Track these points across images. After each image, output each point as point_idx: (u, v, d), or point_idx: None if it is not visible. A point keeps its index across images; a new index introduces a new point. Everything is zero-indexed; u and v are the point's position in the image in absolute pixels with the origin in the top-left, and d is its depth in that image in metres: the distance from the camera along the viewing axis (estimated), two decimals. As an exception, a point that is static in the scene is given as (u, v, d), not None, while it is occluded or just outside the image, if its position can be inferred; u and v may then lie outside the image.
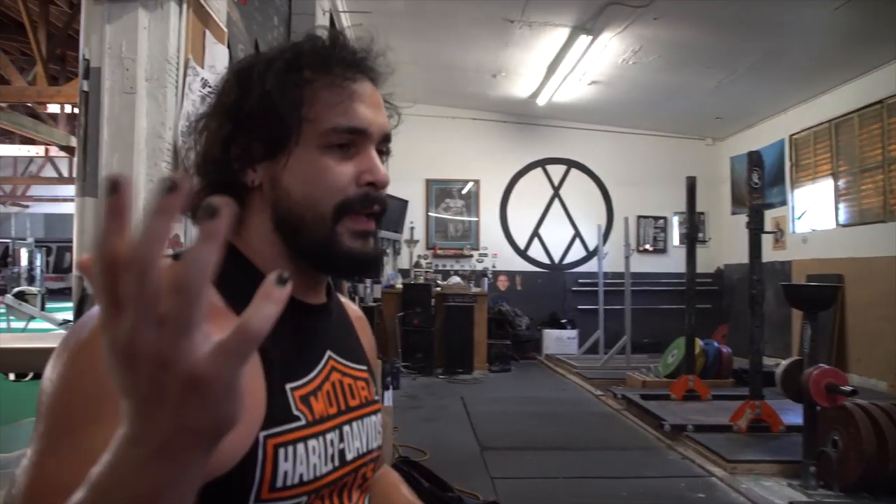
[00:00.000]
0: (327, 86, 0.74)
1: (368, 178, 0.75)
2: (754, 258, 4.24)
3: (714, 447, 3.94)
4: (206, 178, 0.76)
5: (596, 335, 8.12)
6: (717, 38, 6.07)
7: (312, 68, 0.74)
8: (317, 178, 0.73)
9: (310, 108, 0.73)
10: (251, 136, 0.74)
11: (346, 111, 0.74)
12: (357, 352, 0.88)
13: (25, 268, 16.91)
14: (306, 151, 0.73)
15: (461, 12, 5.92)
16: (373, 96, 0.77)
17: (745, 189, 8.71)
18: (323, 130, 0.73)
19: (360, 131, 0.75)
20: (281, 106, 0.72)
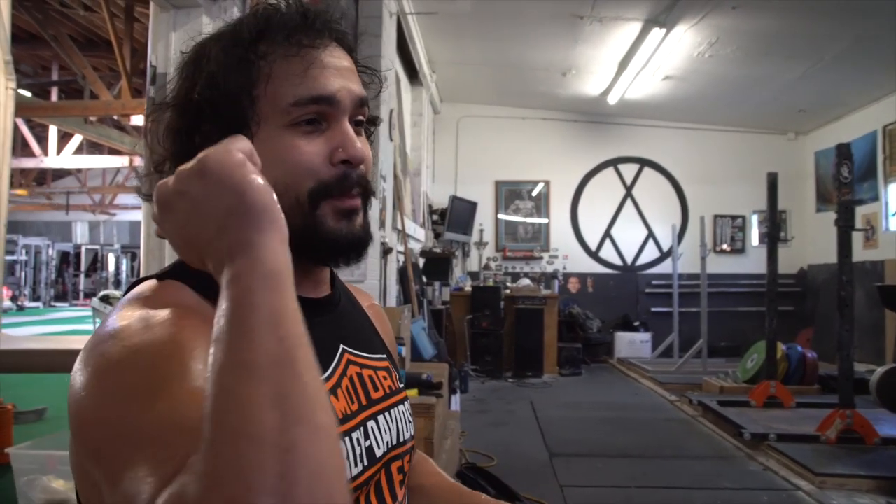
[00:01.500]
0: (283, 56, 0.66)
1: (341, 154, 0.67)
2: (844, 258, 3.98)
3: (800, 458, 3.71)
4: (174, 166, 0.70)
5: (670, 338, 7.86)
6: (801, 25, 5.75)
7: (263, 41, 0.67)
8: (284, 159, 0.66)
9: (265, 85, 0.66)
10: (210, 124, 0.67)
11: (306, 80, 0.66)
12: (373, 341, 0.83)
13: (112, 272, 17.83)
14: (270, 132, 0.66)
15: (529, 10, 5.83)
16: (338, 61, 0.69)
17: (830, 185, 8.35)
18: (283, 107, 0.66)
19: (325, 99, 0.66)
20: (228, 88, 0.66)
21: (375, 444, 0.73)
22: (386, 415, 0.77)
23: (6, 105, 4.12)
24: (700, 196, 9.06)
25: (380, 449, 0.73)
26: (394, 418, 0.78)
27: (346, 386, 0.72)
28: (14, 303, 15.61)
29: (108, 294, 7.89)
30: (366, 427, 0.72)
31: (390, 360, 0.84)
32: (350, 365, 0.75)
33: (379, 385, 0.78)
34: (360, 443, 0.70)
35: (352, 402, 0.72)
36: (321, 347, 0.71)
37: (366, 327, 0.85)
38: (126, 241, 19.15)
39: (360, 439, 0.70)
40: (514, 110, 8.89)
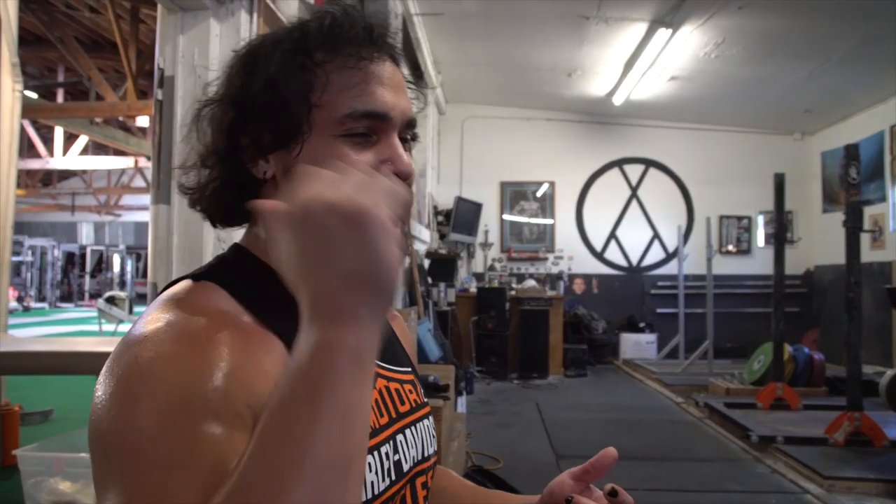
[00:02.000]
0: (340, 68, 0.66)
1: (390, 168, 0.67)
2: (852, 258, 3.96)
3: (808, 461, 3.69)
4: (213, 170, 0.69)
5: (676, 340, 7.84)
6: (808, 25, 5.73)
7: (323, 49, 0.66)
8: None
9: (321, 94, 0.66)
10: (259, 125, 0.67)
11: (363, 94, 0.66)
12: (399, 354, 0.82)
13: (117, 273, 17.87)
14: (321, 140, 0.66)
15: (535, 11, 5.82)
16: (393, 77, 0.69)
17: (837, 185, 8.32)
18: (338, 117, 0.65)
19: (379, 116, 0.66)
20: (287, 93, 0.65)
21: (403, 458, 0.72)
22: (412, 429, 0.76)
23: (13, 107, 4.13)
24: (705, 197, 9.04)
25: (406, 463, 0.72)
26: (419, 433, 0.77)
27: (375, 399, 0.71)
28: (20, 303, 15.66)
29: (113, 295, 7.90)
30: (395, 441, 0.71)
31: (415, 374, 0.84)
32: (378, 378, 0.74)
33: (405, 399, 0.77)
34: (388, 457, 0.69)
35: (380, 415, 0.71)
36: None
37: (391, 339, 0.83)
38: (131, 242, 19.21)
39: (388, 453, 0.69)
40: (519, 111, 8.87)
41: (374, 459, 0.66)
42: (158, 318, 0.57)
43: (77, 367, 3.59)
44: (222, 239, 2.05)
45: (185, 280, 0.66)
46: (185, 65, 1.97)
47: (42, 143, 10.79)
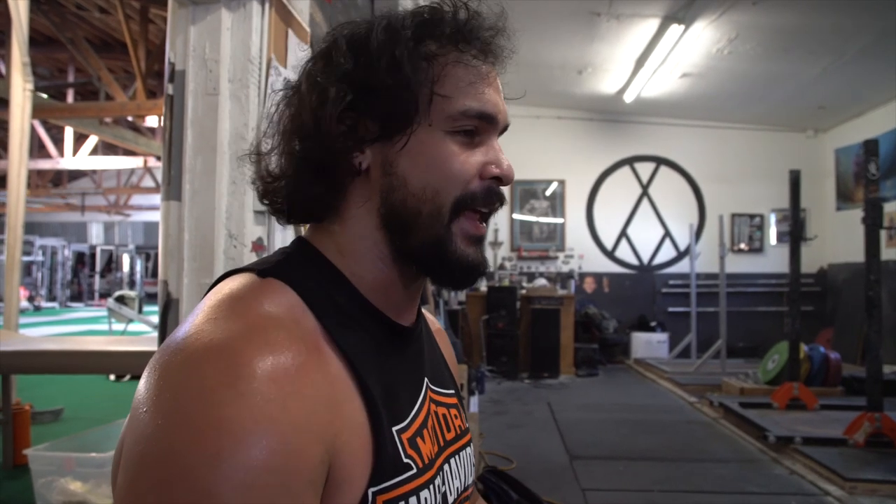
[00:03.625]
0: (455, 62, 0.64)
1: (495, 170, 0.66)
2: (871, 256, 3.88)
3: (827, 463, 3.62)
4: (301, 160, 0.65)
5: (688, 339, 7.77)
6: (823, 20, 5.65)
7: (439, 42, 0.64)
8: (441, 165, 0.63)
9: (440, 85, 0.63)
10: (366, 110, 0.63)
11: (478, 93, 0.65)
12: (445, 374, 0.78)
13: (127, 273, 17.93)
14: (430, 134, 0.63)
15: (545, 8, 5.76)
16: (497, 83, 0.68)
17: (851, 183, 8.22)
18: (452, 112, 0.63)
19: (489, 117, 0.65)
20: (412, 77, 0.62)
21: (449, 490, 0.67)
22: (456, 458, 0.71)
23: (24, 106, 4.12)
24: (717, 195, 8.96)
25: (452, 495, 0.68)
26: (462, 461, 0.72)
27: (431, 425, 0.67)
28: (31, 303, 15.73)
29: (123, 294, 7.92)
30: (443, 472, 0.67)
31: (458, 396, 0.79)
32: (431, 403, 0.70)
33: (451, 425, 0.72)
34: (439, 490, 0.64)
35: (433, 443, 0.66)
36: (411, 382, 0.67)
37: (439, 358, 0.80)
38: (140, 242, 19.29)
39: (439, 485, 0.64)
40: (528, 109, 8.82)
41: (430, 493, 0.61)
42: (228, 329, 0.51)
43: (88, 366, 3.58)
44: (234, 236, 2.02)
45: (246, 273, 0.61)
46: (197, 59, 1.94)
47: (52, 144, 10.82)
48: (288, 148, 0.66)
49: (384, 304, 0.65)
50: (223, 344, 0.50)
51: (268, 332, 0.52)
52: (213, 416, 0.46)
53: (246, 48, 1.95)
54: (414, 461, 0.60)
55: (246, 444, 0.46)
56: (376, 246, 0.64)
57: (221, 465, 0.45)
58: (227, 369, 0.48)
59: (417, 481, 0.59)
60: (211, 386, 0.47)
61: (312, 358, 0.53)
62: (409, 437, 0.61)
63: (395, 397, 0.61)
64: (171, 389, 0.48)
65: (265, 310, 0.54)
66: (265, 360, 0.49)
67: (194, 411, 0.46)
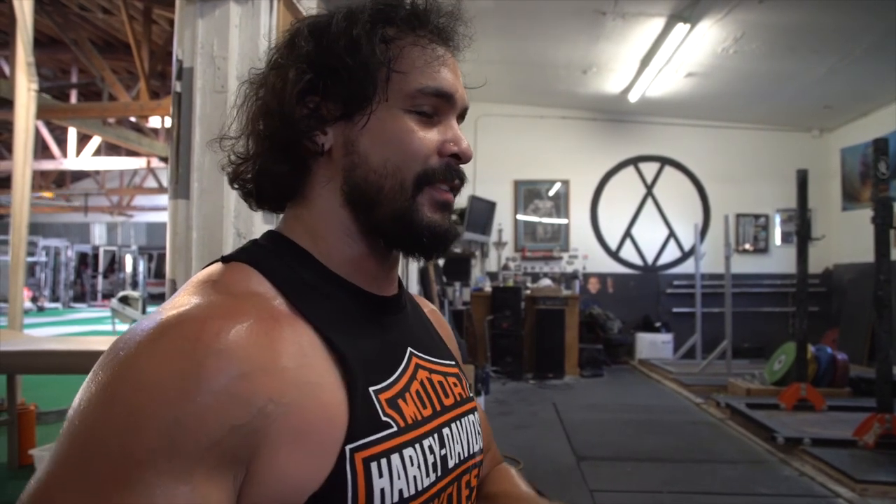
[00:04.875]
0: (412, 44, 0.67)
1: (453, 148, 0.68)
2: (881, 256, 3.86)
3: (837, 464, 3.59)
4: (264, 140, 0.67)
5: (693, 339, 7.74)
6: (829, 18, 5.62)
7: (397, 26, 0.67)
8: (401, 142, 0.65)
9: (397, 65, 0.66)
10: (327, 91, 0.65)
11: (435, 73, 0.67)
12: (440, 347, 0.79)
13: (130, 273, 17.93)
14: (390, 112, 0.66)
15: (550, 7, 5.74)
16: (455, 65, 0.71)
17: (857, 183, 8.18)
18: (410, 91, 0.66)
19: (447, 96, 0.67)
20: (370, 57, 0.64)
21: (449, 454, 0.68)
22: (457, 423, 0.72)
23: (28, 106, 4.10)
24: (722, 195, 8.92)
25: (452, 459, 0.68)
26: (464, 428, 0.73)
27: (415, 390, 0.67)
28: (34, 304, 15.74)
29: (126, 295, 7.90)
30: (440, 434, 0.67)
31: (459, 368, 0.80)
32: (419, 369, 0.70)
33: (449, 392, 0.73)
34: (433, 451, 0.65)
35: (423, 406, 0.67)
36: (391, 348, 0.68)
37: (431, 332, 0.81)
38: (143, 243, 19.28)
39: (433, 447, 0.65)
40: (533, 109, 8.80)
41: (416, 452, 0.62)
42: (177, 302, 0.56)
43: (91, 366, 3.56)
44: (242, 234, 1.99)
45: (215, 263, 0.65)
46: (204, 56, 1.92)
47: (56, 144, 10.82)
48: (254, 129, 0.68)
49: (357, 278, 0.67)
50: (167, 319, 0.53)
51: (216, 305, 0.55)
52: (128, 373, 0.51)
53: (254, 45, 1.93)
54: (394, 420, 0.61)
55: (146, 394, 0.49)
56: (343, 223, 0.67)
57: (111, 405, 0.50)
58: (154, 342, 0.52)
59: (398, 439, 0.60)
60: (135, 351, 0.51)
61: (263, 325, 0.55)
62: (388, 398, 0.62)
63: (372, 361, 0.63)
64: (114, 344, 0.54)
65: (224, 287, 0.58)
66: (205, 325, 0.52)
67: (113, 365, 0.52)
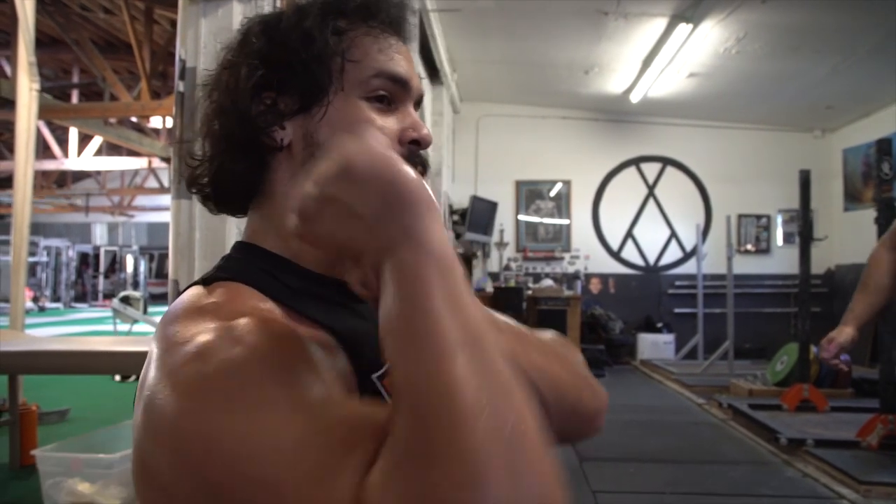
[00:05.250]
0: (364, 35, 0.67)
1: (413, 134, 0.67)
2: (884, 257, 3.84)
3: (841, 465, 3.58)
4: (220, 139, 0.66)
5: (695, 340, 7.73)
6: (833, 18, 5.61)
7: (348, 18, 0.67)
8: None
9: (351, 52, 0.66)
10: (282, 86, 0.65)
11: (388, 58, 0.67)
12: None
13: (131, 274, 17.94)
14: (347, 102, 0.65)
15: (553, 7, 5.73)
16: (408, 54, 0.71)
17: (859, 183, 8.17)
18: (365, 77, 0.65)
19: (402, 81, 0.67)
20: (322, 47, 0.64)
21: None
22: None
23: (30, 106, 4.10)
24: (724, 195, 8.90)
25: None
26: None
27: None
28: (35, 304, 15.74)
29: (128, 295, 7.91)
30: None
31: None
32: None
33: None
34: None
35: None
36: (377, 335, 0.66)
37: None
38: (144, 243, 19.29)
39: None
40: (534, 109, 8.79)
41: None
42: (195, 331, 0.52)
43: (93, 366, 3.56)
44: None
45: (193, 287, 0.62)
46: (208, 55, 1.91)
47: (57, 144, 10.83)
48: (209, 130, 0.67)
49: (334, 271, 0.66)
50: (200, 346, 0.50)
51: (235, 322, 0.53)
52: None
53: (258, 44, 1.92)
54: None
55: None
56: None
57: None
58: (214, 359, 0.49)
59: None
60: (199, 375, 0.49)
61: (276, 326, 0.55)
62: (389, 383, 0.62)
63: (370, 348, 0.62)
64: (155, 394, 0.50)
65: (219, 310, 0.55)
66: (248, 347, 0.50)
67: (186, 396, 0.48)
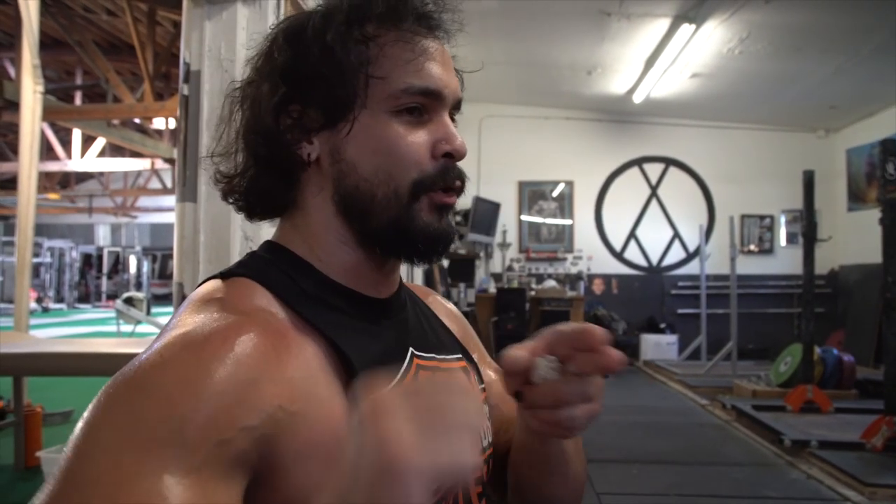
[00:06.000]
0: (395, 41, 0.64)
1: (446, 147, 0.65)
2: (889, 258, 3.83)
3: (846, 467, 3.57)
4: (251, 155, 0.67)
5: (698, 341, 7.71)
6: (836, 18, 5.60)
7: (377, 22, 0.64)
8: (389, 148, 0.63)
9: (377, 66, 0.63)
10: (307, 101, 0.64)
11: (419, 70, 0.64)
12: (443, 340, 0.77)
13: (134, 274, 17.97)
14: (374, 117, 0.63)
15: (556, 8, 5.73)
16: (444, 55, 0.68)
17: (863, 184, 8.15)
18: (393, 91, 0.63)
19: (434, 93, 0.65)
20: (345, 62, 0.62)
21: None
22: None
23: (34, 108, 4.10)
24: (727, 196, 8.90)
25: None
26: None
27: None
28: (39, 304, 15.77)
29: (131, 296, 7.92)
30: None
31: (466, 359, 0.78)
32: (420, 370, 0.68)
33: None
34: None
35: None
36: (391, 352, 0.66)
37: (433, 326, 0.78)
38: (147, 244, 19.32)
39: None
40: (537, 110, 8.78)
41: None
42: (179, 322, 0.56)
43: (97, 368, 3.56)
44: (249, 237, 1.99)
45: (213, 279, 0.64)
46: (212, 59, 1.91)
47: (60, 146, 10.84)
48: (241, 145, 0.68)
49: (356, 283, 0.66)
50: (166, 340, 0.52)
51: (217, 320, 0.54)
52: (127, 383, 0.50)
53: (262, 47, 1.92)
54: None
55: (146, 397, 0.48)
56: (338, 231, 0.66)
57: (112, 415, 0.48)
58: (156, 356, 0.51)
59: None
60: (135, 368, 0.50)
61: (269, 338, 0.54)
62: None
63: (373, 364, 0.61)
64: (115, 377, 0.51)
65: (225, 304, 0.57)
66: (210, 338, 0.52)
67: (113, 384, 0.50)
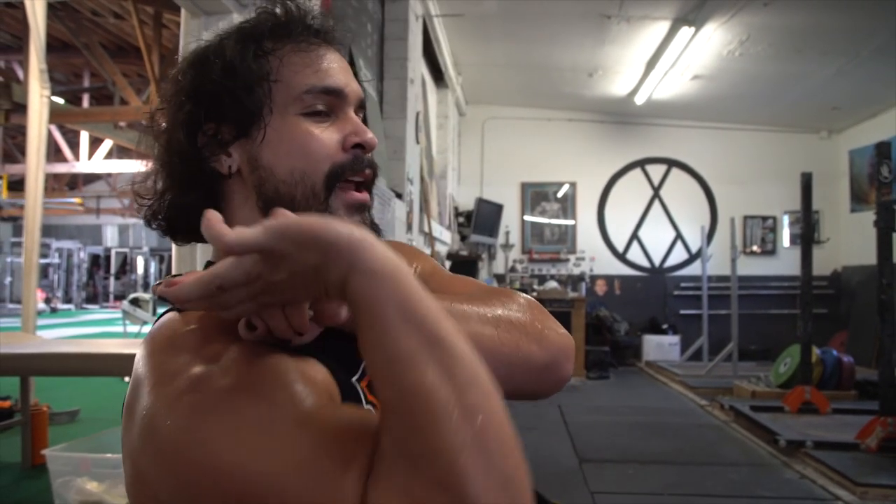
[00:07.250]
0: (292, 51, 0.69)
1: (355, 139, 0.69)
2: (884, 259, 3.87)
3: (839, 467, 3.60)
4: (173, 174, 0.69)
5: (700, 341, 7.74)
6: (837, 20, 5.61)
7: (271, 38, 0.69)
8: (301, 147, 0.67)
9: (279, 74, 0.68)
10: (220, 117, 0.68)
11: (318, 71, 0.69)
12: None
13: (141, 275, 18.08)
14: (284, 121, 0.67)
15: (556, 10, 5.78)
16: (340, 60, 0.72)
17: (865, 184, 8.16)
18: (297, 94, 0.67)
19: (336, 92, 0.69)
20: (247, 74, 0.66)
21: None
22: None
23: (41, 112, 4.18)
24: (729, 197, 8.92)
25: None
26: None
27: None
28: (47, 305, 15.90)
29: (137, 297, 7.98)
30: None
31: None
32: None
33: None
34: None
35: None
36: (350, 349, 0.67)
37: None
38: (154, 244, 19.41)
39: None
40: (539, 111, 8.82)
41: None
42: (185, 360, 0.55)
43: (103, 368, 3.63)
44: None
45: (167, 315, 0.64)
46: (210, 68, 1.96)
47: (68, 148, 10.95)
48: (157, 168, 0.71)
49: None
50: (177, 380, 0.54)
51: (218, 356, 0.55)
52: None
53: (258, 57, 1.98)
54: (375, 406, 0.62)
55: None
56: None
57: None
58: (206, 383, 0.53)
59: None
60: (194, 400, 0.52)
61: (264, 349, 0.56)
62: (367, 385, 0.64)
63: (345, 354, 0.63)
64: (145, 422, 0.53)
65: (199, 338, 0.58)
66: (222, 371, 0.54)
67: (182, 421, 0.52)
